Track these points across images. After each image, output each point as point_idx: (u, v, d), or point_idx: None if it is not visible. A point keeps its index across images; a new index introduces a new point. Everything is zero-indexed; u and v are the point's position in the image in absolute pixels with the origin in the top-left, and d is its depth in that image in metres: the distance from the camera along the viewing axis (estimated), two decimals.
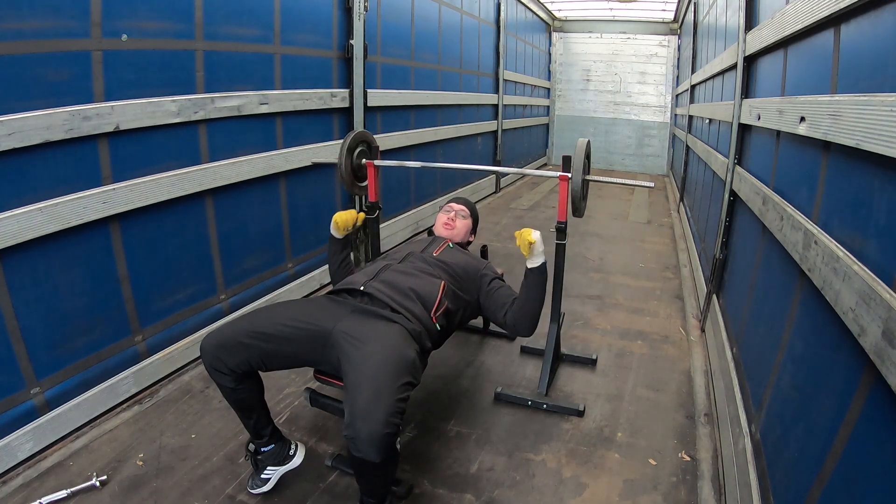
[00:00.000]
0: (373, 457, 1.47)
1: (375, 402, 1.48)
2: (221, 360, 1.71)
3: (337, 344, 1.77)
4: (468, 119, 6.55)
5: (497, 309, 2.24)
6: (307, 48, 3.44)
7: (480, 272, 2.33)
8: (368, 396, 1.50)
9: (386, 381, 1.55)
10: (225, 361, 1.71)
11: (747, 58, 2.84)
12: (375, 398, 1.49)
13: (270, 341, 1.76)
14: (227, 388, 1.76)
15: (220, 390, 1.80)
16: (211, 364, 1.73)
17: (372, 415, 1.46)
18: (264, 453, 1.92)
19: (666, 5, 9.05)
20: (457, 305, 2.19)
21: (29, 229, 1.95)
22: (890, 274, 1.05)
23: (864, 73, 1.35)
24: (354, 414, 1.48)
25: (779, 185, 2.08)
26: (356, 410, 1.48)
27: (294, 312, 1.88)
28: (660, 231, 6.11)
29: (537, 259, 2.20)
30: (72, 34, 2.07)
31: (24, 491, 1.92)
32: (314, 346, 1.81)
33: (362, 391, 1.52)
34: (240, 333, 1.74)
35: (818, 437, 1.29)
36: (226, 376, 1.73)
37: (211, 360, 1.72)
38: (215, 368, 1.73)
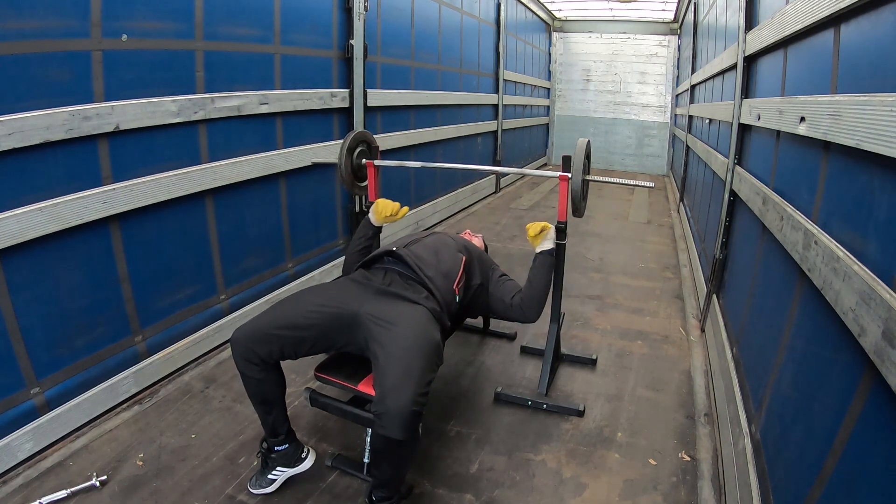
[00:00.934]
0: (398, 433, 1.51)
1: (405, 379, 1.55)
2: (254, 350, 1.76)
3: (364, 325, 1.83)
4: (468, 119, 6.55)
5: (506, 293, 2.32)
6: (307, 48, 3.44)
7: (493, 265, 2.47)
8: (399, 374, 1.57)
9: (415, 361, 1.62)
10: (257, 352, 1.76)
11: (747, 58, 2.84)
12: (405, 376, 1.56)
13: (301, 329, 1.82)
14: (255, 379, 1.79)
15: (246, 383, 1.83)
16: (242, 355, 1.77)
17: (401, 391, 1.53)
18: (278, 452, 1.92)
19: (666, 5, 9.04)
20: (471, 283, 2.29)
21: (29, 229, 1.95)
22: (890, 274, 1.05)
23: (864, 72, 1.35)
24: (385, 390, 1.55)
25: (779, 185, 2.08)
26: (386, 387, 1.55)
27: (320, 299, 1.93)
28: (660, 231, 6.11)
29: (547, 244, 2.34)
30: (72, 34, 2.07)
31: (24, 491, 1.92)
32: (342, 330, 1.87)
33: (392, 369, 1.59)
34: (271, 325, 1.79)
35: (818, 437, 1.29)
36: (255, 367, 1.77)
37: (243, 350, 1.76)
38: (246, 359, 1.77)
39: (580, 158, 2.35)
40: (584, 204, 2.46)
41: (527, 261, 4.71)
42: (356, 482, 2.02)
